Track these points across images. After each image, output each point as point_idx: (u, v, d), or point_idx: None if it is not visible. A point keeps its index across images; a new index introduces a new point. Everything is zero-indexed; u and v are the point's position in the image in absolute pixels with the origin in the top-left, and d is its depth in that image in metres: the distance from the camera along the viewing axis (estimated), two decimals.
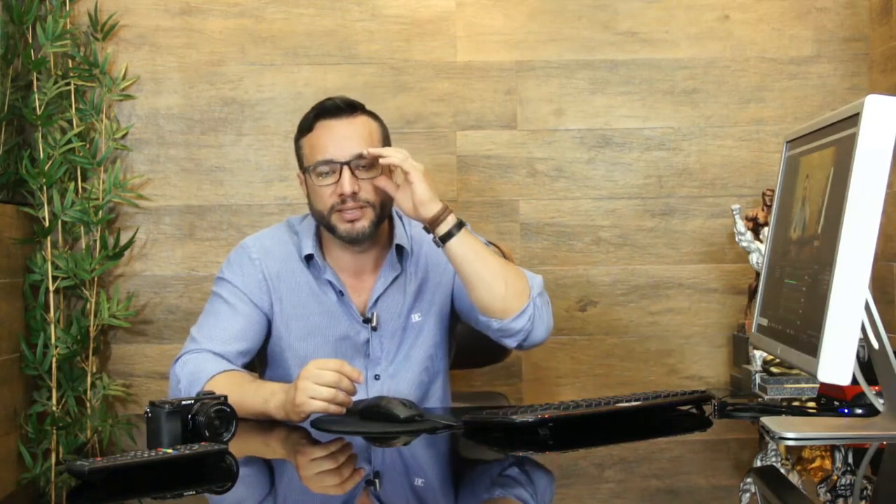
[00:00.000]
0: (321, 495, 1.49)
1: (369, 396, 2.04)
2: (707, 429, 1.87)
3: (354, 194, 2.03)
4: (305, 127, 2.12)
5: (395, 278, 2.14)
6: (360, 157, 2.04)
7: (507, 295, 2.01)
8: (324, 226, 2.10)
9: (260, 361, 2.20)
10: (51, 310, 2.86)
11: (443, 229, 1.99)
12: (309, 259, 2.12)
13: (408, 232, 2.18)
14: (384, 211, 2.09)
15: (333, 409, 1.81)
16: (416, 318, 2.14)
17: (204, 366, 1.99)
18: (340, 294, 2.11)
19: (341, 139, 2.06)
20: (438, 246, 2.01)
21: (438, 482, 1.56)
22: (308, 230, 2.15)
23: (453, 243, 1.99)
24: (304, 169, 2.12)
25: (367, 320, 2.12)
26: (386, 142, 2.14)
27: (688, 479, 1.52)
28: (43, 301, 2.85)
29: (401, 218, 2.19)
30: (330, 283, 2.11)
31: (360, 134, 2.07)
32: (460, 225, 2.00)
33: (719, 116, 3.02)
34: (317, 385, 1.80)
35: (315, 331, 2.12)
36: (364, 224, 2.05)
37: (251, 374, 2.10)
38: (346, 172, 2.03)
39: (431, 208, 1.99)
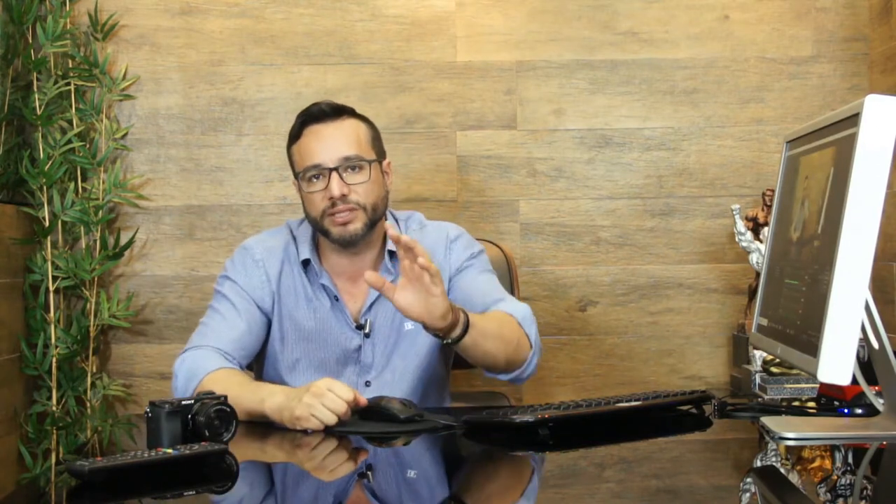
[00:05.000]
0: (321, 495, 1.49)
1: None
2: (707, 429, 1.86)
3: (344, 196, 2.04)
4: (294, 134, 2.13)
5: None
6: (348, 159, 2.05)
7: (511, 355, 1.98)
8: (319, 231, 2.11)
9: (255, 360, 2.20)
10: (51, 310, 2.86)
11: (456, 332, 1.87)
12: (306, 264, 2.13)
13: None
14: (376, 213, 2.09)
15: (316, 425, 1.77)
16: (408, 326, 2.11)
17: (202, 363, 1.99)
18: (335, 299, 2.12)
19: (328, 143, 2.06)
20: (445, 344, 1.91)
21: (438, 482, 1.56)
22: (305, 235, 2.15)
23: (465, 341, 1.89)
24: (296, 176, 2.13)
25: (360, 326, 2.12)
26: (376, 143, 2.14)
27: (688, 479, 1.52)
28: (43, 301, 2.85)
29: (396, 221, 2.19)
30: (324, 288, 2.12)
31: (347, 136, 2.08)
32: (467, 323, 1.88)
33: (719, 116, 3.02)
34: (323, 407, 1.76)
35: (307, 336, 2.12)
36: (356, 227, 2.06)
37: (248, 374, 2.10)
38: (335, 177, 2.04)
39: (447, 319, 1.83)
